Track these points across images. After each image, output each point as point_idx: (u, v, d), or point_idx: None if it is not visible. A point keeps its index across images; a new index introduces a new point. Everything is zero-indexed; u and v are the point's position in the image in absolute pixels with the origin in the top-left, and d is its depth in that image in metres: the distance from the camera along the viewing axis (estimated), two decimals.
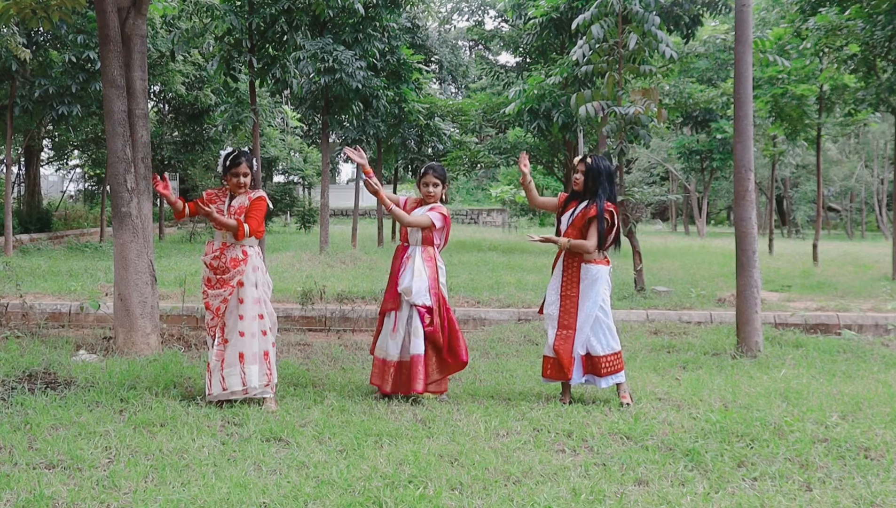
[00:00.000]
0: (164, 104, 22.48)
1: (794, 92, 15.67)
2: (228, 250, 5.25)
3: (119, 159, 6.69)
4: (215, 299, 5.22)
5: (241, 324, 5.20)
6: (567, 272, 5.31)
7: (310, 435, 4.44)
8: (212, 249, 5.31)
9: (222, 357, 5.17)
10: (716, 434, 4.46)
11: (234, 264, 5.21)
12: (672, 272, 13.87)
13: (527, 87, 17.01)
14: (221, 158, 5.38)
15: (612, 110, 9.86)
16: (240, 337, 5.19)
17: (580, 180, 5.33)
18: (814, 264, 16.11)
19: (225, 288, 5.20)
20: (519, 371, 6.35)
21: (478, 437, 4.47)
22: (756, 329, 7.09)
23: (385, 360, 5.41)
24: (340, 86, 14.78)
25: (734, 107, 7.26)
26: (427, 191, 5.49)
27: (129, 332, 6.74)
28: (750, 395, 5.48)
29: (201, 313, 8.79)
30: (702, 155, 29.52)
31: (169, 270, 12.56)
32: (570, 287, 5.27)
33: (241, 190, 5.31)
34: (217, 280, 5.24)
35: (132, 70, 6.86)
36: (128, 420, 4.69)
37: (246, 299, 5.22)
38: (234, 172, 5.26)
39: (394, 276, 5.44)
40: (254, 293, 5.26)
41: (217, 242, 5.31)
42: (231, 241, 5.26)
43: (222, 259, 5.24)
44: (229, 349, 5.19)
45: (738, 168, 7.15)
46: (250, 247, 5.31)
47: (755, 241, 7.15)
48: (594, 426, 4.67)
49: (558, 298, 5.30)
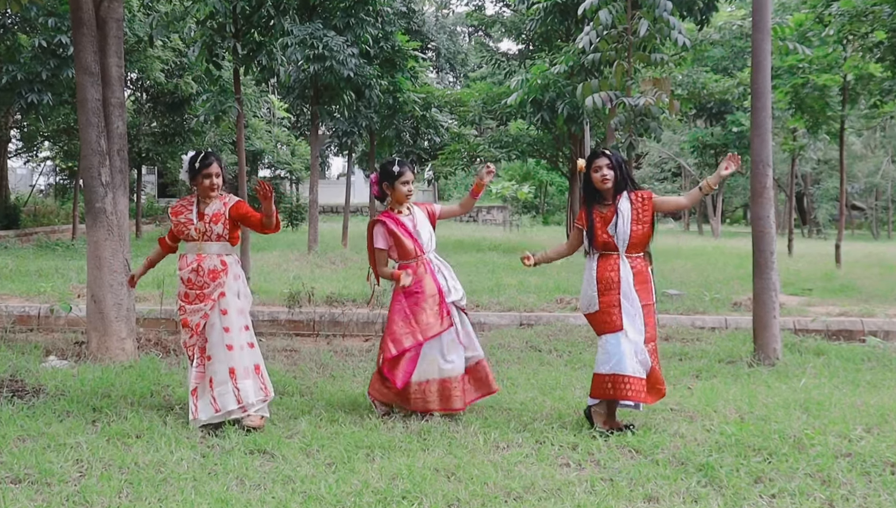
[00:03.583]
0: (141, 93, 22.45)
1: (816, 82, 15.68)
2: (205, 262, 5.14)
3: (93, 152, 6.67)
4: (195, 314, 5.11)
5: (228, 337, 5.11)
6: (639, 276, 5.02)
7: (296, 448, 4.43)
8: (186, 262, 5.18)
9: (209, 377, 5.06)
10: (731, 448, 4.45)
11: (214, 277, 5.12)
12: (684, 274, 13.87)
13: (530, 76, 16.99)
14: (186, 162, 5.22)
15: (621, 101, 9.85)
16: (228, 351, 5.09)
17: (610, 176, 5.02)
18: (836, 265, 16.13)
19: (206, 302, 5.10)
20: (521, 380, 6.34)
21: (476, 450, 4.46)
22: (774, 336, 7.09)
23: (448, 378, 5.21)
24: (331, 74, 14.77)
25: (751, 98, 7.26)
26: (409, 189, 5.37)
27: (102, 336, 6.72)
28: (768, 406, 5.47)
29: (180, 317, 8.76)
30: (716, 149, 29.53)
31: None
32: (646, 295, 5.02)
33: (213, 193, 5.19)
34: (196, 295, 5.13)
35: (107, 56, 6.84)
36: (101, 432, 4.68)
37: (230, 309, 5.15)
38: (206, 172, 5.13)
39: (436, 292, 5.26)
40: (237, 303, 5.19)
41: (191, 254, 5.19)
42: (207, 252, 5.16)
43: (200, 272, 5.13)
44: (217, 366, 5.07)
45: (756, 163, 7.16)
46: (228, 256, 5.23)
47: (773, 241, 7.15)
48: (601, 439, 4.67)
49: (639, 307, 4.95)
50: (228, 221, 5.21)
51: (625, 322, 4.91)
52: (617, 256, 5.00)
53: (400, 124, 19.44)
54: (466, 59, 46.07)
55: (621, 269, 4.98)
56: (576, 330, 8.33)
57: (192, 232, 5.19)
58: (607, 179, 5.03)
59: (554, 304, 10.09)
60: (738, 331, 8.68)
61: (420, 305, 5.23)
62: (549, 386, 6.11)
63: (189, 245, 5.23)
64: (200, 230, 5.18)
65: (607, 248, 5.02)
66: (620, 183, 5.07)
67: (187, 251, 5.24)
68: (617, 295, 4.94)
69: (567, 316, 9.10)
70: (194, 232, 5.19)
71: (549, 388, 6.04)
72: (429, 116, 20.21)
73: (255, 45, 12.81)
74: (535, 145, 21.45)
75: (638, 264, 5.04)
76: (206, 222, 5.17)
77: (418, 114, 19.60)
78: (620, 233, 4.99)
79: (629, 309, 4.93)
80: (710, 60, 24.26)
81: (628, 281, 4.95)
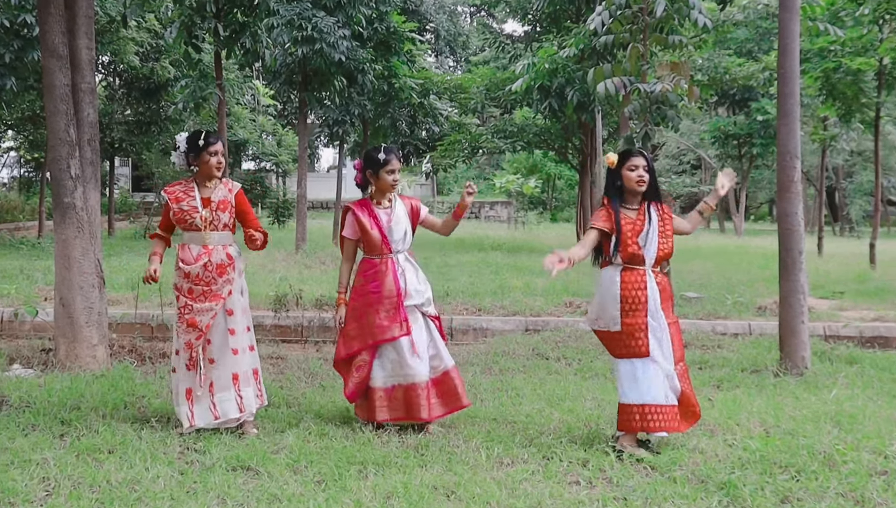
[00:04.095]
0: (114, 78, 22.46)
1: (849, 66, 15.66)
2: (213, 255, 5.13)
3: (61, 142, 6.67)
4: (205, 314, 5.08)
5: (234, 340, 5.14)
6: (664, 293, 4.93)
7: (283, 464, 4.44)
8: (192, 255, 5.13)
9: (209, 381, 5.08)
10: (755, 465, 4.46)
11: (222, 271, 5.14)
12: (704, 276, 13.87)
13: (537, 60, 17.01)
14: (185, 141, 5.19)
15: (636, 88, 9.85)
16: (233, 355, 5.13)
17: (646, 179, 4.92)
18: (871, 266, 16.11)
19: (216, 301, 5.10)
20: (526, 390, 6.34)
21: (478, 466, 4.47)
22: (802, 342, 7.09)
23: (413, 384, 5.21)
24: (320, 58, 14.77)
25: (778, 84, 7.26)
26: (395, 179, 5.38)
27: (71, 343, 6.72)
28: (795, 419, 5.48)
29: (157, 322, 8.78)
30: (740, 140, 29.55)
31: (119, 271, 12.53)
32: (671, 312, 4.96)
33: (218, 173, 5.21)
34: (202, 292, 5.11)
35: (77, 37, 6.84)
36: (70, 446, 4.68)
37: (235, 310, 5.18)
38: (214, 150, 5.15)
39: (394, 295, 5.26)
40: (241, 302, 5.24)
41: (195, 246, 5.15)
42: (213, 243, 5.15)
43: (209, 267, 5.12)
44: (220, 371, 5.10)
45: (783, 155, 7.15)
46: (231, 247, 5.24)
47: (802, 240, 7.15)
48: (613, 455, 4.67)
49: (666, 324, 4.88)
50: (234, 208, 5.24)
51: (652, 346, 4.80)
52: (643, 271, 4.87)
53: (395, 113, 19.46)
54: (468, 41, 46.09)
55: (648, 286, 4.84)
56: (586, 336, 8.33)
57: (198, 221, 5.14)
58: (643, 181, 4.91)
59: (562, 308, 10.09)
60: (763, 337, 8.68)
61: (374, 305, 5.25)
62: (558, 397, 6.11)
63: (190, 235, 5.17)
64: (207, 219, 5.15)
65: (634, 261, 4.86)
66: (650, 190, 5.00)
67: (189, 242, 5.17)
68: (644, 317, 4.81)
69: (577, 321, 9.10)
70: (200, 221, 5.14)
71: (557, 399, 6.04)
72: (427, 104, 20.22)
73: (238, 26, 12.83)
74: (542, 136, 21.43)
75: (662, 280, 4.97)
76: (213, 210, 5.15)
77: (415, 101, 19.61)
78: (650, 245, 4.89)
79: (657, 331, 4.83)
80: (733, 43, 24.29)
81: (655, 300, 4.84)
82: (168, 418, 5.31)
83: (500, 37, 23.30)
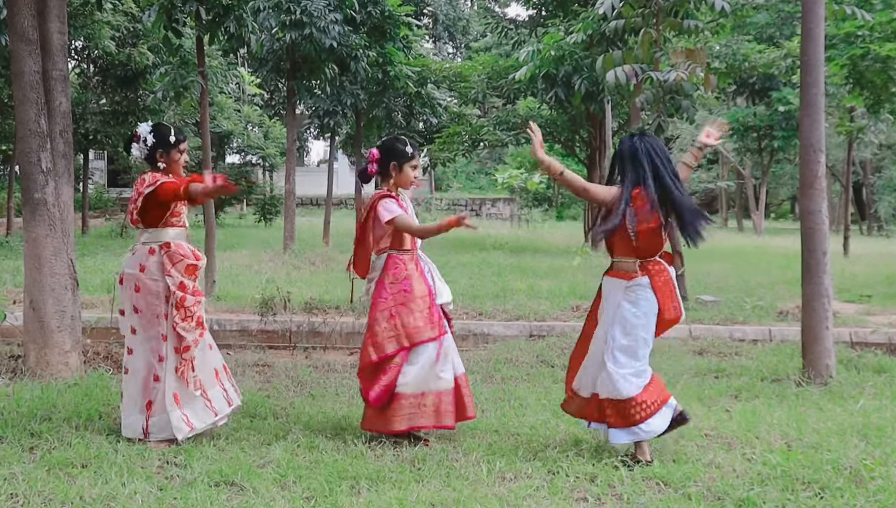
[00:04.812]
0: (88, 65, 22.42)
1: (878, 53, 15.65)
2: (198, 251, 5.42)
3: (31, 133, 6.66)
4: (200, 307, 5.29)
5: (208, 335, 5.37)
6: None
7: (269, 479, 4.44)
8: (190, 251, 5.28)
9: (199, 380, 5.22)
10: (776, 481, 4.46)
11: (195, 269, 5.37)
12: (721, 278, 13.89)
13: (542, 46, 17.01)
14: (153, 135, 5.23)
15: (648, 76, 9.87)
16: (209, 350, 5.35)
17: None
18: None
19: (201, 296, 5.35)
20: (530, 400, 6.35)
21: (479, 481, 4.47)
22: (826, 349, 7.09)
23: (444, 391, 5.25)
24: (310, 44, 14.76)
25: (801, 72, 7.26)
26: (417, 176, 5.52)
27: (42, 349, 6.71)
28: (819, 432, 5.48)
29: None
30: (760, 132, 29.56)
31: (94, 271, 12.53)
32: None
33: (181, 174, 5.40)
34: (195, 288, 5.29)
35: (48, 20, 6.83)
36: (40, 460, 4.67)
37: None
38: (184, 148, 5.33)
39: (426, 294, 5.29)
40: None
41: (184, 241, 5.32)
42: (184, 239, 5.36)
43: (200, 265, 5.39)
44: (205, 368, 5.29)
45: (806, 149, 7.16)
46: None
47: (826, 239, 7.16)
48: (623, 469, 4.67)
49: None
50: None
51: None
52: None
53: (391, 103, 19.43)
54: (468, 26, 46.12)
55: None
56: None
57: (185, 217, 5.37)
58: None
59: (569, 312, 10.10)
60: (785, 344, 8.69)
61: (408, 305, 5.23)
62: None
63: (177, 231, 5.30)
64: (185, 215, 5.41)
65: None
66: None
67: (176, 238, 5.27)
68: None
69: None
70: (185, 218, 5.38)
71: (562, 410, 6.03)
72: (424, 94, 20.20)
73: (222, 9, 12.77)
74: (547, 128, 21.42)
75: None
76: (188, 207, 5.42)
77: (412, 91, 19.58)
78: None
79: None
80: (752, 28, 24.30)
81: None
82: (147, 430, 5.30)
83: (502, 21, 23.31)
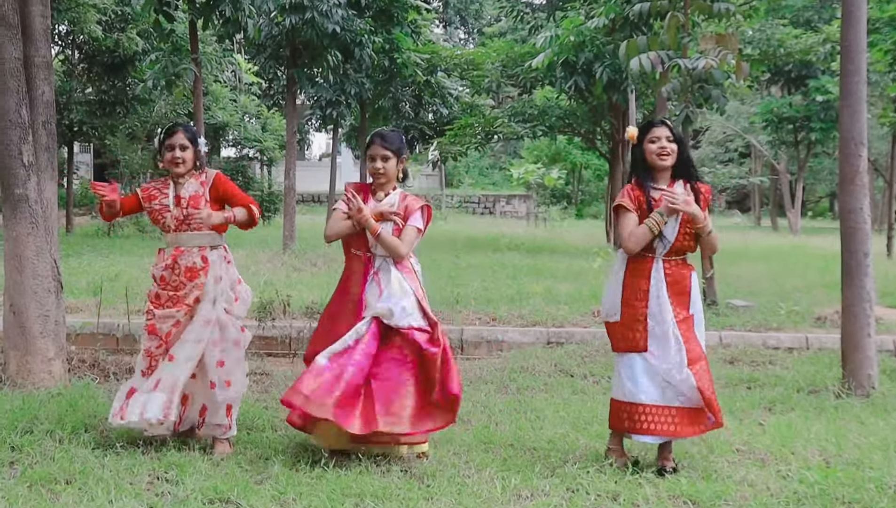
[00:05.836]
0: (73, 51, 22.51)
1: None
2: (182, 258, 5.34)
3: (12, 124, 6.68)
4: (165, 321, 5.30)
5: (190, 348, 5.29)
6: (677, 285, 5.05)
7: (268, 496, 4.44)
8: (161, 258, 5.41)
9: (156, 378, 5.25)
10: (814, 500, 4.45)
11: (192, 276, 5.33)
12: (754, 281, 13.85)
13: (561, 32, 17.01)
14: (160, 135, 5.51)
15: (675, 63, 9.84)
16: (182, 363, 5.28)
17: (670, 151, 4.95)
18: None
19: (178, 307, 5.30)
20: (548, 412, 6.34)
21: (492, 499, 4.46)
22: (868, 358, 7.06)
23: None
24: (311, 29, 14.79)
25: (841, 59, 7.23)
26: (374, 168, 5.24)
27: (24, 356, 6.73)
28: (860, 447, 5.46)
29: (122, 332, 8.81)
30: (796, 124, 29.45)
31: (80, 273, 12.56)
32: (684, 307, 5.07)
33: (179, 169, 5.39)
34: (169, 297, 5.32)
35: (29, 3, 6.85)
36: (21, 476, 4.68)
37: (197, 318, 5.32)
38: (169, 143, 5.37)
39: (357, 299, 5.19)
40: (208, 313, 5.31)
41: (170, 249, 5.40)
42: (186, 245, 5.35)
43: (175, 270, 5.34)
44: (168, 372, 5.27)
45: (846, 142, 7.13)
46: (213, 250, 5.40)
47: (868, 239, 7.13)
48: (648, 487, 4.66)
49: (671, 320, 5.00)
50: (210, 202, 5.38)
51: (650, 341, 4.98)
52: (652, 258, 5.00)
53: (398, 92, 19.49)
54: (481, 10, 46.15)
55: (653, 276, 4.99)
56: None
57: (169, 221, 5.38)
58: (666, 154, 4.97)
59: (589, 318, 10.07)
60: (823, 352, 8.66)
61: (340, 307, 5.27)
62: (584, 420, 6.10)
63: (168, 237, 5.42)
64: (178, 218, 5.37)
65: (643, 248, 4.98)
66: (679, 165, 5.05)
67: (166, 245, 5.43)
68: (644, 308, 4.99)
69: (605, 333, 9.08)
70: (171, 221, 5.38)
71: (583, 423, 6.03)
72: (434, 83, 20.24)
73: None
74: (566, 119, 21.43)
75: (675, 271, 5.03)
76: (184, 208, 5.35)
77: (421, 79, 19.62)
78: (667, 231, 4.95)
79: (656, 327, 4.97)
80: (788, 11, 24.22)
81: (659, 293, 4.97)
82: (137, 443, 5.32)
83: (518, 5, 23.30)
